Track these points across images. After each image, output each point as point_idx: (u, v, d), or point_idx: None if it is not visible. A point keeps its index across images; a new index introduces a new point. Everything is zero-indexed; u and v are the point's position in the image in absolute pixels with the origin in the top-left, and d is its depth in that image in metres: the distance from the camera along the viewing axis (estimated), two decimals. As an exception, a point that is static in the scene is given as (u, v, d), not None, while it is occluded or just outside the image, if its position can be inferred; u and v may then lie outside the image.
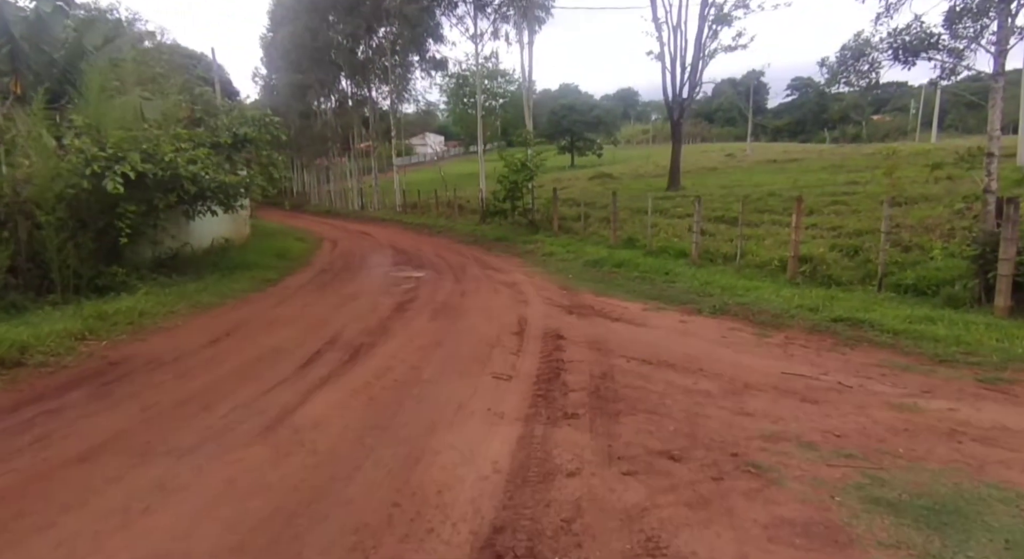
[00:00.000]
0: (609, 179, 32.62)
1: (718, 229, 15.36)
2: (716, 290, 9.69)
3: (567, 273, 11.98)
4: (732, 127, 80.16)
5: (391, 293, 9.43)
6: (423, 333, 6.71)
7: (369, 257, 14.91)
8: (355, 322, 7.24)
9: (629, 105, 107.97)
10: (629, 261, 12.24)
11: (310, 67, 29.89)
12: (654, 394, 4.72)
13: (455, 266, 13.21)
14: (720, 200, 19.64)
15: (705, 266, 12.19)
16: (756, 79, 52.82)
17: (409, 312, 7.91)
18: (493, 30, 22.51)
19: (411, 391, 4.68)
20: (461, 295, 9.30)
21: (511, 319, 7.49)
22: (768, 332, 7.21)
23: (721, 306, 8.46)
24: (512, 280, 11.05)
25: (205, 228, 12.92)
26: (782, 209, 17.46)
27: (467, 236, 19.95)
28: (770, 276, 10.95)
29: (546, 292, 9.77)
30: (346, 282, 10.65)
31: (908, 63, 8.71)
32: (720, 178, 28.38)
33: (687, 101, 24.93)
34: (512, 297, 9.22)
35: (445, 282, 10.75)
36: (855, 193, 18.78)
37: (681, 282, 10.48)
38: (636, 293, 9.76)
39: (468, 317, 7.64)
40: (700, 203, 12.74)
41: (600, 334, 6.80)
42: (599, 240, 15.95)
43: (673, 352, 6.12)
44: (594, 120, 56.23)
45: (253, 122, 11.76)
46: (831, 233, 14.11)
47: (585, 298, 9.36)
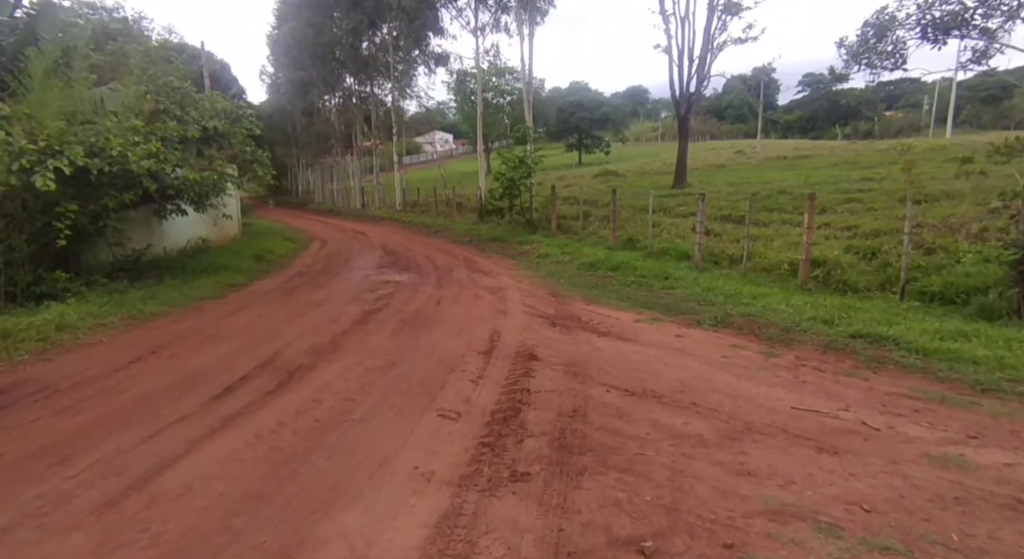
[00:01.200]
0: (614, 177, 31.54)
1: (724, 229, 14.28)
2: (719, 298, 8.66)
3: (559, 277, 10.99)
4: (743, 124, 78.50)
5: (361, 300, 8.50)
6: (378, 352, 5.76)
7: (354, 259, 14.00)
8: (306, 337, 6.31)
9: (639, 103, 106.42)
10: (627, 264, 11.22)
11: (312, 63, 29.04)
12: (633, 441, 3.73)
13: (441, 269, 12.27)
14: (727, 198, 18.52)
15: (708, 269, 11.15)
16: (767, 75, 51.28)
17: (372, 324, 6.97)
18: (495, 22, 21.50)
19: (328, 437, 3.72)
20: (437, 303, 8.35)
21: (483, 333, 6.53)
22: (776, 350, 6.19)
23: (723, 317, 7.44)
24: (498, 285, 10.09)
25: (180, 229, 12.10)
26: (792, 207, 16.33)
27: (463, 236, 19.00)
28: (779, 281, 9.90)
29: (532, 300, 8.80)
30: (318, 287, 9.74)
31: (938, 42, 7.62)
32: (728, 175, 27.19)
33: (695, 95, 23.78)
34: (492, 306, 8.25)
35: (425, 287, 9.81)
36: (870, 190, 17.60)
37: (681, 288, 9.46)
38: (631, 301, 8.76)
39: (436, 330, 6.68)
40: (704, 201, 11.69)
41: (581, 354, 5.82)
42: (598, 241, 14.93)
43: (663, 378, 5.13)
44: (602, 117, 55.00)
45: (225, 115, 10.84)
46: (846, 234, 13.00)
47: (574, 307, 8.38)
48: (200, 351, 5.78)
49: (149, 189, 8.78)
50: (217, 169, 10.11)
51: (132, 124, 8.44)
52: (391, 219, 26.91)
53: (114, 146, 7.74)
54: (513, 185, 16.98)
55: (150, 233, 11.35)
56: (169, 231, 11.82)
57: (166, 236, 11.87)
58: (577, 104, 53.70)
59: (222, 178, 10.48)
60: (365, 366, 5.19)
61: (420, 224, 23.51)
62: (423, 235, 20.67)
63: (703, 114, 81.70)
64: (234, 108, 11.14)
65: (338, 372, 5.04)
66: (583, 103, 53.74)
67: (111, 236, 9.33)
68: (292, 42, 29.18)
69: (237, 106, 11.22)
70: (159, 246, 11.58)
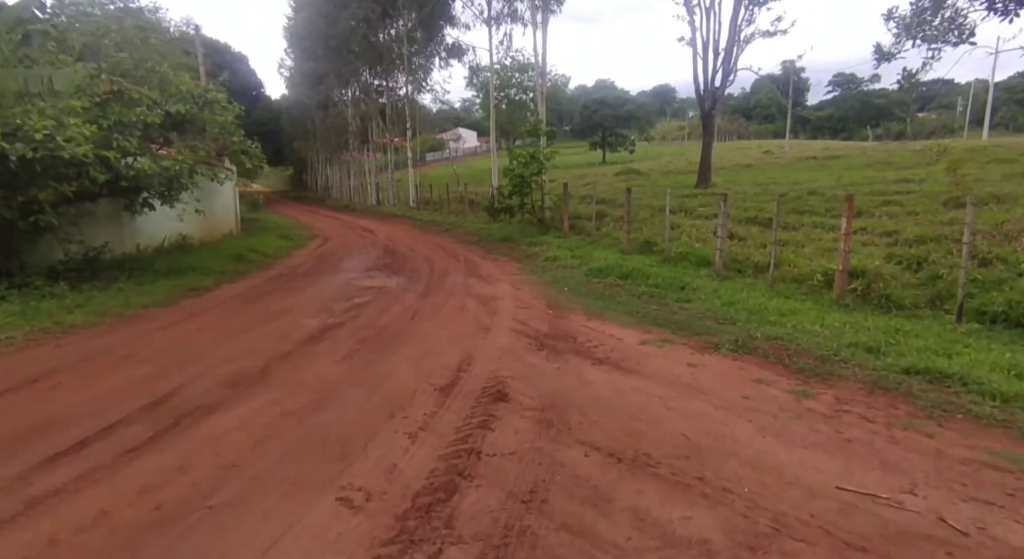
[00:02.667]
0: (636, 175, 30.10)
1: (749, 232, 12.87)
2: (742, 314, 7.36)
3: (564, 284, 9.76)
4: (770, 124, 75.90)
5: (328, 311, 7.41)
6: (310, 385, 4.61)
7: (348, 259, 12.96)
8: (235, 361, 5.19)
9: (666, 101, 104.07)
10: (639, 271, 9.93)
11: (325, 55, 28.13)
12: (606, 555, 2.53)
13: (438, 272, 11.14)
14: (753, 199, 17.03)
15: (731, 278, 9.80)
16: (796, 74, 48.92)
17: (325, 343, 5.85)
18: (509, 10, 20.26)
19: (149, 545, 2.53)
20: (413, 316, 7.20)
21: (453, 359, 5.36)
22: (811, 388, 4.90)
23: (746, 340, 6.15)
24: (492, 294, 8.91)
25: (156, 224, 11.18)
26: (824, 210, 14.80)
27: (472, 235, 17.85)
28: (811, 294, 8.54)
29: (525, 313, 7.60)
30: (289, 293, 8.68)
31: (1008, 14, 6.20)
32: (755, 175, 25.54)
33: (720, 90, 22.21)
34: (477, 320, 7.08)
35: (409, 295, 8.69)
36: (909, 192, 15.94)
37: (698, 301, 8.16)
38: (639, 315, 7.50)
39: (398, 354, 5.53)
40: (726, 201, 10.33)
41: (566, 391, 4.61)
42: (611, 243, 13.63)
43: (664, 431, 3.90)
44: (627, 115, 53.38)
45: (193, 99, 9.81)
46: (885, 240, 11.49)
47: (572, 322, 7.16)
48: (91, 381, 4.65)
49: (97, 180, 7.80)
50: (180, 158, 9.08)
51: (69, 105, 7.43)
52: (404, 216, 25.91)
53: (37, 128, 6.71)
54: (524, 182, 15.76)
55: (119, 229, 10.44)
56: (143, 227, 10.90)
57: (139, 232, 10.96)
58: (601, 101, 52.17)
59: (190, 170, 9.48)
60: (281, 408, 4.05)
61: (431, 222, 22.44)
62: (432, 234, 19.58)
63: (730, 113, 79.30)
64: (203, 91, 10.09)
65: (240, 418, 3.89)
66: (607, 100, 52.19)
67: (62, 232, 8.39)
68: (305, 33, 28.33)
69: (206, 89, 10.17)
70: (130, 243, 10.69)
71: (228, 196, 16.03)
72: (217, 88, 10.67)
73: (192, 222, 12.71)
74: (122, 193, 9.48)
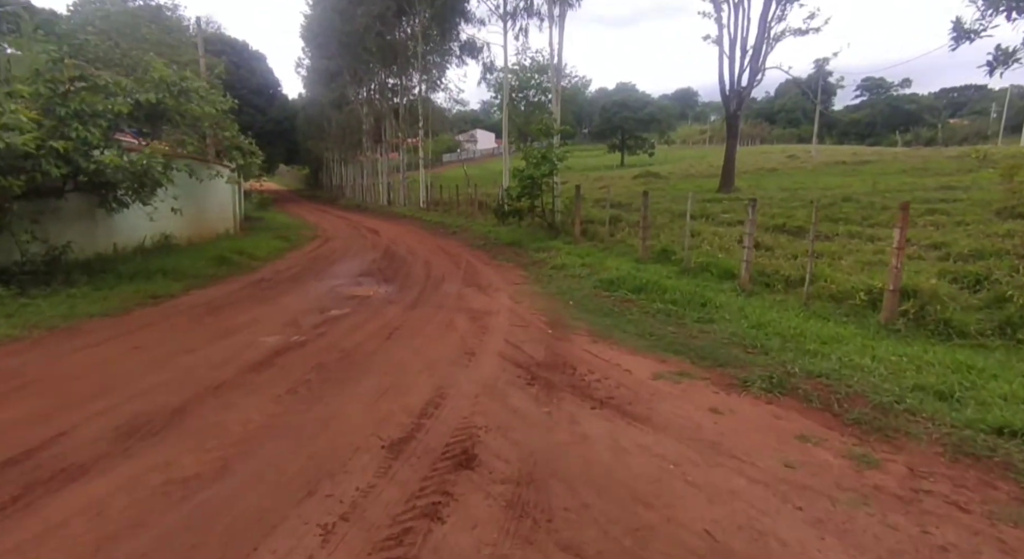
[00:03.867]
0: (655, 179, 28.88)
1: (778, 241, 11.65)
2: (774, 340, 6.22)
3: (569, 297, 8.68)
4: (795, 128, 73.85)
5: (296, 326, 6.41)
6: (229, 435, 3.55)
7: (341, 263, 12.00)
8: (151, 395, 4.13)
9: (688, 105, 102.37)
10: (655, 283, 8.80)
11: (339, 52, 27.34)
12: None
13: (433, 279, 10.12)
14: (780, 205, 15.77)
15: (758, 294, 8.64)
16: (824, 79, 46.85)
17: (272, 371, 4.84)
18: (526, 4, 19.20)
19: None
20: (390, 334, 6.16)
21: (419, 397, 4.31)
22: (873, 450, 3.77)
23: (782, 377, 5.01)
24: (488, 307, 7.86)
25: (136, 223, 10.31)
26: (861, 218, 13.52)
27: (478, 238, 16.83)
28: (854, 316, 7.35)
29: (521, 332, 6.53)
30: (261, 303, 7.71)
31: None
32: (781, 180, 24.17)
33: (746, 90, 20.95)
34: (463, 341, 6.03)
35: (394, 307, 7.67)
36: (955, 200, 14.57)
37: (722, 321, 7.02)
38: (653, 339, 6.39)
39: (355, 388, 4.49)
40: (755, 207, 9.15)
41: (554, 451, 3.54)
42: (626, 251, 12.50)
43: (682, 524, 2.80)
44: (647, 117, 51.97)
45: (167, 87, 8.88)
46: (934, 254, 10.23)
47: (573, 346, 6.08)
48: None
49: (51, 174, 6.91)
50: (148, 152, 8.15)
51: (16, 89, 6.54)
52: (413, 217, 25.00)
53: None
54: (533, 184, 14.67)
55: (92, 228, 9.59)
56: (121, 225, 10.04)
57: (117, 231, 10.10)
58: (621, 103, 50.89)
59: (165, 165, 8.57)
60: (170, 474, 3.01)
61: (439, 224, 21.48)
62: (438, 236, 18.60)
63: (754, 117, 77.39)
64: (178, 79, 9.16)
65: (109, 489, 2.83)
66: (627, 102, 50.89)
67: (19, 231, 7.53)
68: (319, 30, 27.57)
69: (181, 77, 9.24)
70: (105, 243, 9.83)
71: (225, 194, 15.19)
72: (195, 77, 9.75)
73: (178, 220, 11.85)
74: (90, 189, 8.63)
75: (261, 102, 39.36)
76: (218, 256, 10.42)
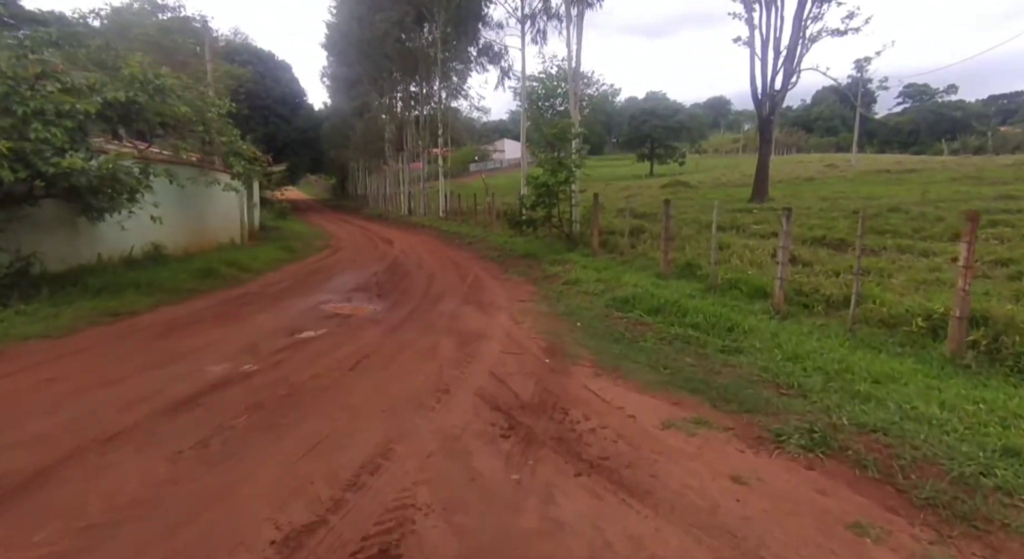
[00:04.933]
0: (684, 188, 27.63)
1: (817, 256, 10.46)
2: (814, 377, 5.14)
3: (578, 318, 7.71)
4: (833, 136, 71.27)
5: (252, 353, 5.58)
6: (74, 520, 2.66)
7: (340, 276, 11.25)
8: (14, 450, 3.34)
9: (720, 114, 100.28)
10: (675, 303, 7.73)
11: (359, 60, 27.00)
12: None
13: (433, 295, 9.27)
14: (819, 215, 14.49)
15: (795, 316, 7.53)
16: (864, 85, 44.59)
17: (195, 412, 4.01)
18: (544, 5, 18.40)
19: None
20: (355, 364, 5.28)
21: (356, 455, 3.40)
22: (958, 552, 2.72)
23: (826, 430, 3.96)
24: (483, 329, 6.94)
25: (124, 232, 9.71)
26: (911, 230, 12.20)
27: (493, 249, 15.96)
28: (911, 346, 6.21)
29: (512, 362, 5.59)
30: (227, 323, 6.91)
31: None
32: (819, 189, 22.73)
33: (780, 94, 19.69)
34: (441, 372, 5.13)
35: (375, 329, 6.82)
36: (1020, 210, 13.11)
37: (751, 352, 5.95)
38: (667, 372, 5.37)
39: (284, 440, 3.61)
40: (790, 217, 8.05)
41: (512, 545, 2.60)
42: (647, 264, 11.45)
43: None
44: (677, 126, 50.61)
45: (141, 84, 8.22)
46: (1002, 272, 8.94)
47: (570, 381, 5.11)
48: None
49: (7, 179, 6.29)
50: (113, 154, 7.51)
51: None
52: (431, 227, 24.31)
53: None
54: (549, 192, 13.74)
55: (72, 237, 9.04)
56: (107, 234, 9.47)
57: (101, 241, 9.54)
58: (650, 111, 49.68)
59: (141, 170, 7.92)
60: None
61: (455, 234, 20.71)
62: (452, 247, 17.81)
63: (789, 126, 75.07)
64: (153, 76, 8.49)
65: None
66: (656, 110, 49.65)
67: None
68: (338, 37, 27.30)
69: (157, 74, 8.59)
70: (88, 253, 9.27)
71: (230, 202, 14.66)
72: (171, 74, 9.12)
73: (172, 229, 11.29)
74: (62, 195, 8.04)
75: (286, 112, 39.47)
76: (207, 268, 9.76)
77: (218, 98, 11.98)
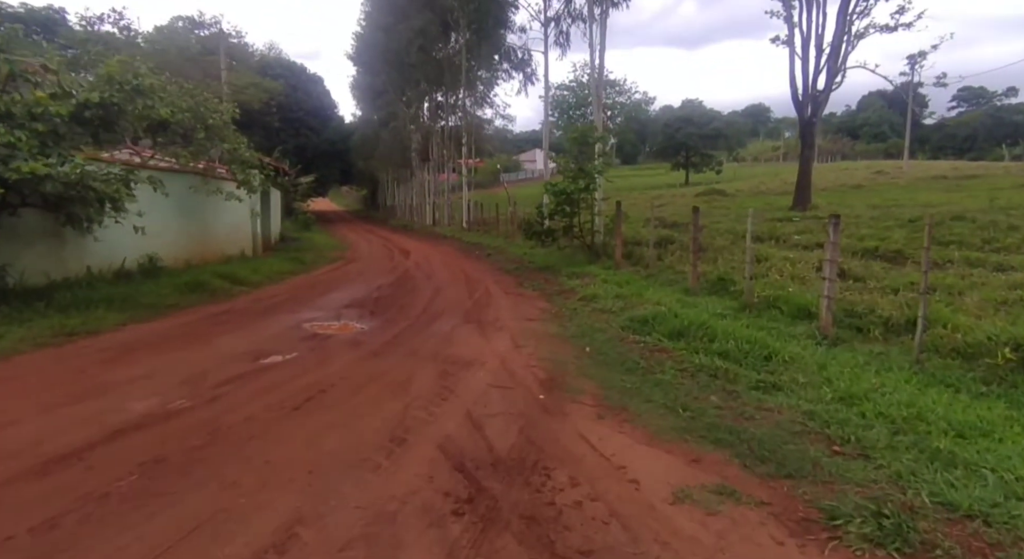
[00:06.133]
0: (720, 197, 26.22)
1: (870, 270, 9.17)
2: (877, 429, 4.02)
3: (587, 341, 6.70)
4: (880, 143, 68.07)
5: (195, 384, 4.75)
6: None
7: (338, 291, 10.48)
8: None
9: (759, 121, 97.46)
10: (702, 325, 6.60)
11: (384, 69, 26.65)
12: None
13: (432, 312, 8.39)
14: (870, 224, 13.11)
15: (847, 342, 6.36)
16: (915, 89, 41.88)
17: (68, 473, 3.11)
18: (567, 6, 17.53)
19: None
20: (302, 403, 4.39)
21: (239, 550, 2.52)
22: None
23: (900, 514, 2.85)
24: (475, 355, 6.01)
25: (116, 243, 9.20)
26: (982, 241, 10.74)
27: (511, 261, 15.05)
28: (999, 384, 5.02)
29: (497, 399, 4.64)
30: (188, 345, 6.11)
31: None
32: (868, 197, 21.09)
33: (823, 94, 18.26)
34: (403, 415, 4.20)
35: (352, 353, 5.96)
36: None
37: (794, 389, 4.84)
38: (686, 416, 4.31)
39: (152, 523, 2.71)
40: (837, 225, 6.86)
41: None
42: (674, 278, 10.35)
43: None
44: (713, 133, 48.90)
45: (119, 85, 7.57)
46: (1100, 288, 7.54)
47: (564, 426, 4.12)
48: None
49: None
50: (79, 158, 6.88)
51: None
52: (453, 238, 23.61)
53: None
54: (569, 200, 12.77)
55: (58, 248, 8.54)
56: (96, 246, 8.93)
57: (91, 253, 9.01)
58: (685, 119, 48.13)
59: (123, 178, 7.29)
60: None
61: (476, 245, 19.93)
62: (470, 258, 16.96)
63: (833, 132, 72.11)
64: (132, 76, 7.79)
65: None
66: (691, 117, 48.07)
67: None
68: (364, 47, 27.03)
69: (136, 74, 7.94)
70: (76, 265, 8.76)
71: (241, 213, 14.15)
72: (150, 74, 8.48)
73: (171, 240, 10.80)
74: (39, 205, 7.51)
75: (317, 123, 39.62)
76: (194, 282, 9.12)
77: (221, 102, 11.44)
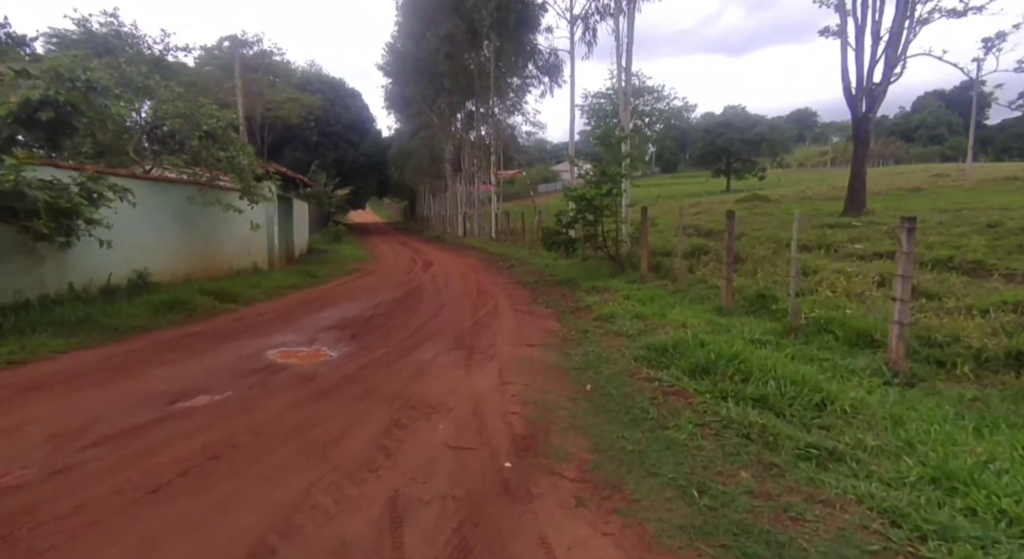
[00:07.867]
0: (762, 202, 24.20)
1: (946, 285, 7.47)
2: (992, 527, 2.55)
3: (589, 375, 5.38)
4: (937, 145, 63.58)
5: (56, 446, 3.68)
6: None
7: (332, 308, 9.44)
8: None
9: (805, 127, 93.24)
10: (734, 357, 5.12)
11: (414, 78, 25.98)
12: None
13: (420, 336, 7.22)
14: (939, 230, 11.24)
15: (927, 382, 4.83)
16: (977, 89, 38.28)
17: None
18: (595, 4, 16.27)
19: None
20: (169, 483, 3.21)
21: None
22: None
23: None
24: (447, 395, 4.78)
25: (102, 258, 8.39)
26: (1083, 249, 8.83)
27: (532, 274, 13.79)
28: None
29: (447, 470, 3.40)
30: (111, 381, 5.08)
31: None
32: (930, 200, 18.87)
33: (879, 88, 16.29)
34: (298, 503, 3.01)
35: (293, 394, 4.82)
36: None
37: (859, 458, 3.40)
38: (702, 506, 2.95)
39: None
40: (912, 232, 5.28)
41: None
42: (705, 294, 8.87)
43: None
44: (756, 138, 46.41)
45: (71, 82, 6.71)
46: None
47: (523, 522, 2.84)
48: None
49: None
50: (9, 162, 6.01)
51: None
52: (479, 249, 22.55)
53: None
54: (591, 207, 11.44)
55: (33, 265, 7.77)
56: (79, 262, 8.18)
57: (72, 269, 8.24)
58: (726, 124, 45.86)
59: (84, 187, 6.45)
60: None
61: (500, 256, 18.80)
62: (491, 270, 15.79)
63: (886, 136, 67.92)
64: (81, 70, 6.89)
65: None
66: (733, 122, 45.75)
67: None
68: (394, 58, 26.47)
69: (86, 68, 7.02)
70: (55, 282, 8.00)
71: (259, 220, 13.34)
72: (101, 67, 7.63)
73: (166, 254, 10.02)
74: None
75: (355, 137, 39.43)
76: (172, 300, 8.23)
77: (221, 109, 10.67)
